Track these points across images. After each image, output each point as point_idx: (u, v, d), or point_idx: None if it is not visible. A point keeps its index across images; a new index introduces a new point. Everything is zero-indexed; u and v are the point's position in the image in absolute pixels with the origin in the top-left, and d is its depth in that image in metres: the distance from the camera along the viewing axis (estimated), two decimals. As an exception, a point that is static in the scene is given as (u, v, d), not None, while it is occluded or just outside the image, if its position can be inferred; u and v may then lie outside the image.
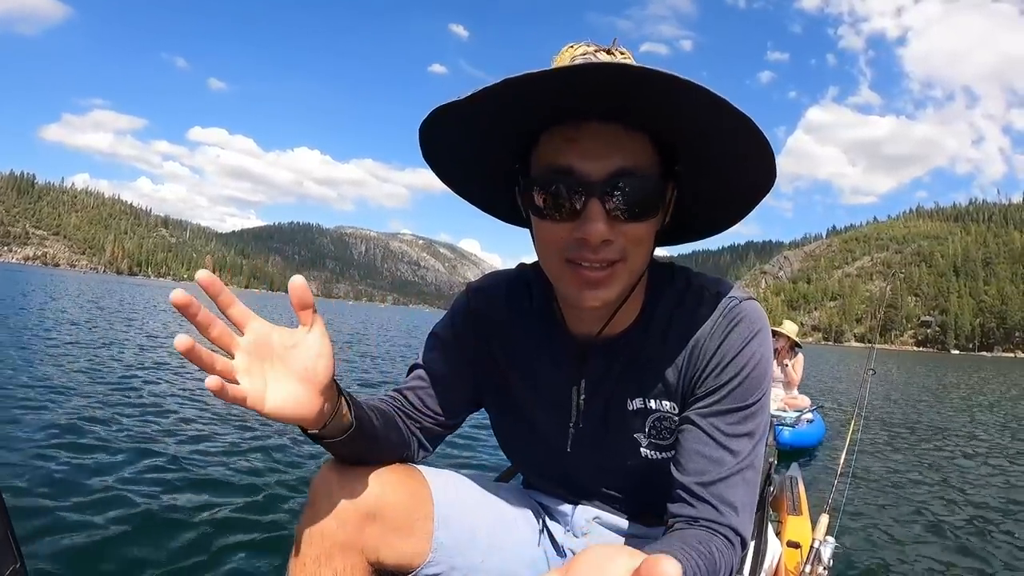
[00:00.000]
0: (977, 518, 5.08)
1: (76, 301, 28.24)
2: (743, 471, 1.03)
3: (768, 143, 0.86)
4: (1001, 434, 10.56)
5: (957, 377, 31.86)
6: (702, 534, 0.98)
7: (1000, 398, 19.71)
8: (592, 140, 0.91)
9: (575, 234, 0.93)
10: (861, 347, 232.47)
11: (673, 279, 1.14)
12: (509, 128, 0.97)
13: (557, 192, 0.93)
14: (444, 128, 0.98)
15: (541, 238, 1.00)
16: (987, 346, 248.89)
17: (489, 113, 0.92)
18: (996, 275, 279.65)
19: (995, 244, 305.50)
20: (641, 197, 0.93)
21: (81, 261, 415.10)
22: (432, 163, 1.09)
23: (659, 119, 0.90)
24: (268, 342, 0.86)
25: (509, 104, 0.88)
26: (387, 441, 1.15)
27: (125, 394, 7.22)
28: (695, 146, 0.95)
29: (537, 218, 0.98)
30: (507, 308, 1.25)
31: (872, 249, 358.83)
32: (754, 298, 1.10)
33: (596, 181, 0.91)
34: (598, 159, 0.91)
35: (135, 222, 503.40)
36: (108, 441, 5.01)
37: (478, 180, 1.15)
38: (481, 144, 1.02)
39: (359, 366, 13.51)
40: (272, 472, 4.73)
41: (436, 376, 1.26)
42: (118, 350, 11.33)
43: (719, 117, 0.83)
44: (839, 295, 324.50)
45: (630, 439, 1.18)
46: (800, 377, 8.47)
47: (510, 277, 1.28)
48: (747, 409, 1.04)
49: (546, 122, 0.95)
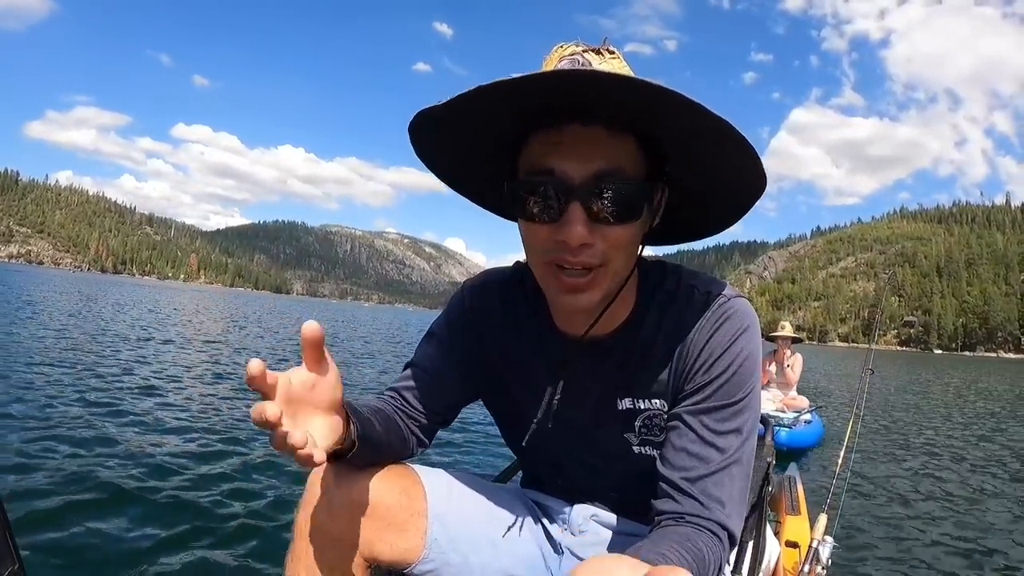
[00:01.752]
0: (976, 517, 5.14)
1: (71, 300, 28.11)
2: (729, 467, 1.02)
3: (748, 143, 0.86)
4: (1001, 433, 10.64)
5: (955, 376, 32.24)
6: (689, 531, 0.98)
7: (999, 397, 19.91)
8: (574, 142, 0.92)
9: (556, 236, 0.94)
10: (845, 346, 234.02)
11: (664, 278, 1.14)
12: (496, 130, 0.98)
13: (539, 194, 0.93)
14: (430, 131, 0.99)
15: (526, 239, 1.01)
16: (969, 346, 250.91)
17: (473, 117, 0.93)
18: (979, 276, 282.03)
19: (978, 245, 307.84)
20: (624, 199, 0.93)
21: (65, 259, 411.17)
22: (424, 160, 1.10)
23: (638, 122, 0.90)
24: (291, 388, 0.84)
25: (490, 108, 0.90)
26: (389, 447, 1.16)
27: (124, 394, 7.19)
28: (680, 147, 0.95)
29: (522, 219, 0.99)
30: (502, 306, 1.26)
31: (856, 250, 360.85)
32: (744, 296, 1.11)
33: (577, 183, 0.91)
34: (579, 161, 0.91)
35: (119, 220, 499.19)
36: (107, 441, 5.02)
37: (471, 175, 1.16)
38: (471, 143, 1.03)
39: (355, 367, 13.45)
40: (270, 467, 4.75)
41: (432, 373, 1.27)
42: (116, 351, 11.26)
43: (698, 119, 0.83)
44: (823, 295, 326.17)
45: (621, 438, 1.19)
46: (798, 376, 8.52)
47: (505, 275, 1.28)
48: (734, 405, 1.04)
49: (532, 124, 0.95)
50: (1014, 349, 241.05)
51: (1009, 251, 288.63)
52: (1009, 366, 75.49)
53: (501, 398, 1.32)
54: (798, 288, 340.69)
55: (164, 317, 24.03)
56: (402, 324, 50.32)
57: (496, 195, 1.14)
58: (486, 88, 0.82)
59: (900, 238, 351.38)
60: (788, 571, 2.18)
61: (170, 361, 10.75)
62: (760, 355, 1.10)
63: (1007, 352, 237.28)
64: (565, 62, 1.01)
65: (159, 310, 28.50)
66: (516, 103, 0.89)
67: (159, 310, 28.50)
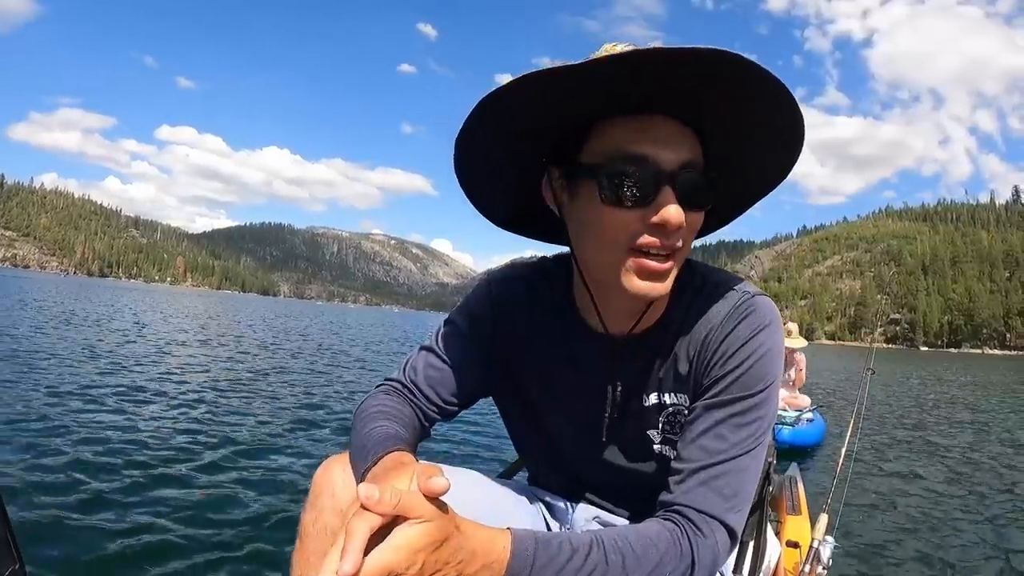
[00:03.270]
0: (977, 517, 5.19)
1: (66, 303, 28.29)
2: (736, 460, 1.02)
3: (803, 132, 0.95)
4: (1001, 433, 10.69)
5: (954, 375, 32.30)
6: (655, 525, 0.98)
7: (999, 394, 20.16)
8: (663, 130, 0.94)
9: (650, 219, 0.94)
10: (832, 344, 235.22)
11: (692, 275, 1.14)
12: (557, 119, 0.98)
13: (632, 178, 0.93)
14: (490, 120, 0.96)
15: (606, 226, 0.98)
16: (955, 343, 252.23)
17: (545, 100, 0.92)
18: (964, 274, 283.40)
19: (963, 243, 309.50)
20: (703, 188, 0.98)
21: (52, 263, 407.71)
22: (463, 165, 1.09)
23: (717, 113, 0.95)
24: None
25: (568, 93, 0.90)
26: (412, 447, 1.10)
27: (124, 395, 7.26)
28: (730, 141, 1.00)
29: (605, 206, 0.96)
30: (528, 300, 1.24)
31: (842, 248, 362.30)
32: (765, 294, 1.11)
33: (671, 169, 0.93)
34: (671, 149, 0.94)
35: (105, 223, 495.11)
36: (107, 442, 5.05)
37: (499, 186, 1.16)
38: (520, 139, 1.02)
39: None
40: (273, 468, 4.78)
41: (449, 362, 1.24)
42: (116, 351, 11.34)
43: (775, 107, 0.89)
44: (809, 293, 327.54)
45: (643, 435, 1.18)
46: (804, 376, 8.65)
47: (532, 270, 1.27)
48: (749, 399, 1.04)
49: (599, 113, 0.96)
50: (999, 345, 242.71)
51: (993, 249, 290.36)
52: (997, 362, 75.97)
53: (516, 393, 1.30)
54: (784, 287, 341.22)
55: (179, 318, 24.21)
56: (390, 325, 50.29)
57: (506, 205, 1.19)
58: (593, 63, 0.84)
59: (886, 236, 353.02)
60: (789, 571, 2.18)
61: (171, 362, 10.81)
62: (781, 353, 1.10)
63: (992, 348, 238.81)
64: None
65: (154, 311, 28.51)
66: (606, 88, 0.89)
67: (154, 311, 28.51)
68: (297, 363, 13.70)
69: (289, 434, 6.16)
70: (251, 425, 6.35)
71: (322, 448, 5.73)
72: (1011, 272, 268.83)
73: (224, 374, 10.34)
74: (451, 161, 1.07)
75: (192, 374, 9.90)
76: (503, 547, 0.81)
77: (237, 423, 6.39)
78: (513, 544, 0.82)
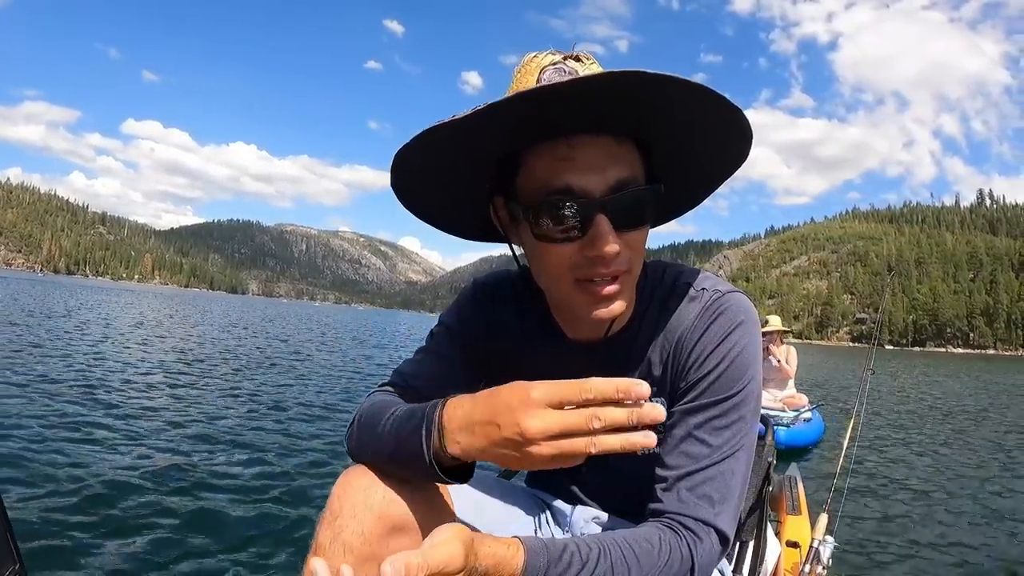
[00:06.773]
0: (977, 516, 5.24)
1: (61, 304, 27.81)
2: (722, 463, 1.01)
3: (748, 125, 0.92)
4: (1000, 432, 10.77)
5: (952, 374, 32.69)
6: (650, 529, 0.98)
7: (998, 393, 20.45)
8: (587, 155, 0.90)
9: (586, 253, 0.93)
10: (799, 342, 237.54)
11: (660, 277, 1.14)
12: (487, 151, 0.96)
13: (560, 214, 0.91)
14: (417, 155, 0.94)
15: (547, 262, 0.98)
16: (919, 342, 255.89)
17: (468, 137, 0.90)
18: (928, 274, 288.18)
19: (927, 245, 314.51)
20: (640, 205, 0.95)
21: (18, 259, 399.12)
22: (401, 193, 1.06)
23: (650, 124, 0.91)
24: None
25: (487, 127, 0.87)
26: None
27: (125, 396, 7.24)
28: (673, 140, 0.97)
29: (540, 242, 0.96)
30: (515, 306, 1.25)
31: (809, 249, 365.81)
32: (740, 291, 1.11)
33: (598, 196, 0.90)
34: (596, 173, 0.90)
35: (72, 219, 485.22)
36: (108, 442, 5.05)
37: (447, 207, 1.15)
38: (455, 170, 1.01)
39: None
40: (282, 476, 4.71)
41: (444, 363, 1.24)
42: (116, 353, 11.28)
43: (711, 108, 0.87)
44: (777, 293, 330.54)
45: None
46: (795, 369, 8.46)
47: (515, 279, 1.26)
48: (727, 401, 1.03)
49: (527, 141, 0.93)
50: (963, 344, 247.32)
51: (958, 250, 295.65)
52: (964, 361, 77.06)
53: None
54: (752, 286, 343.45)
55: (176, 319, 24.10)
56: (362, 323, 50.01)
57: (469, 220, 1.17)
58: (501, 104, 0.80)
59: (852, 237, 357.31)
60: (789, 571, 2.16)
61: (180, 364, 10.73)
62: (759, 350, 1.09)
63: (956, 347, 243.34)
64: (549, 71, 0.98)
65: (128, 312, 28.15)
66: (521, 120, 0.87)
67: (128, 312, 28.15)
68: (303, 365, 13.61)
69: (301, 438, 6.15)
70: (265, 428, 6.36)
71: (338, 459, 5.66)
72: (974, 273, 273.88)
73: (224, 374, 10.32)
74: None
75: (199, 375, 9.87)
76: (516, 564, 0.82)
77: (251, 425, 6.40)
78: (526, 557, 0.83)
